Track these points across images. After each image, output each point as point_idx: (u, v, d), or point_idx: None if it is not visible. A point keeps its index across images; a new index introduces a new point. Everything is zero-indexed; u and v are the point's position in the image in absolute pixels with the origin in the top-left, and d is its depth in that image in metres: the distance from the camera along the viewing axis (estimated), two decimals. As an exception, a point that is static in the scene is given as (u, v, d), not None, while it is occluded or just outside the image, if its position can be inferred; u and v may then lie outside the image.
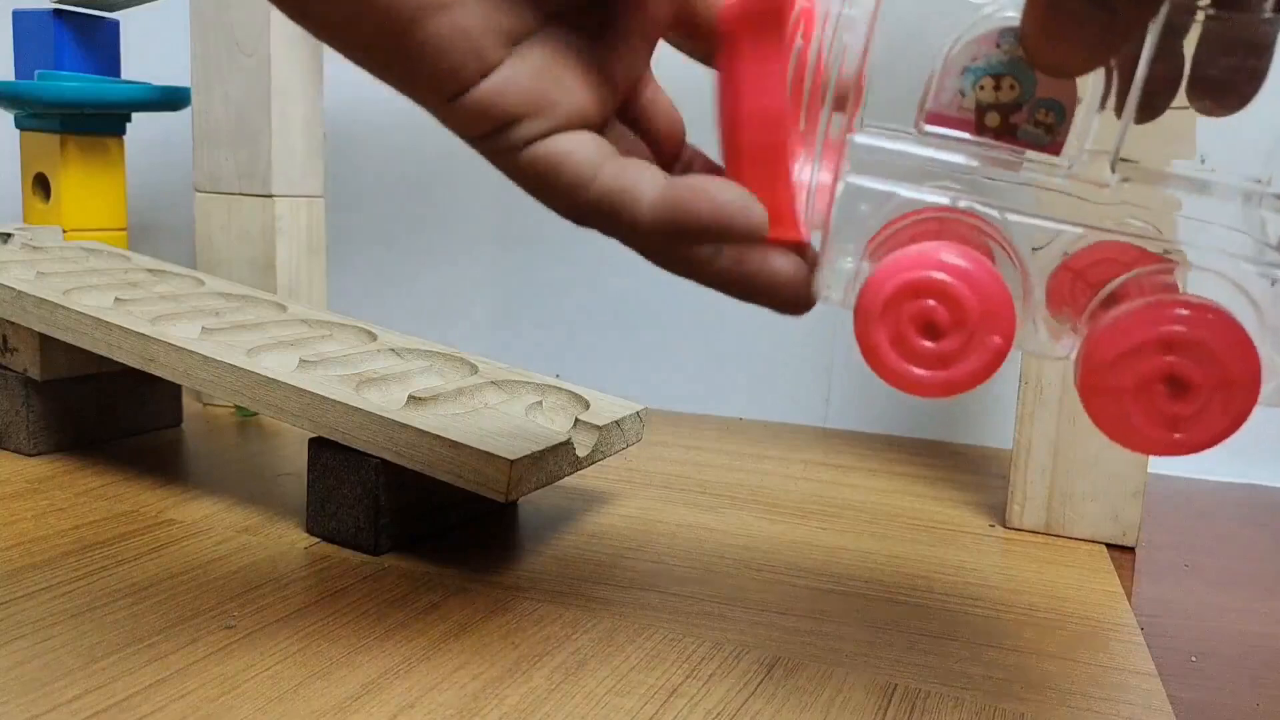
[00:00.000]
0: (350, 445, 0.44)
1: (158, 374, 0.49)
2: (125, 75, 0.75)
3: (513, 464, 0.40)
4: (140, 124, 0.75)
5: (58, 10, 0.69)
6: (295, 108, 0.67)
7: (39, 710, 0.31)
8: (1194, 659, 0.40)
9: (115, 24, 0.73)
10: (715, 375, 0.79)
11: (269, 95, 0.65)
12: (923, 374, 0.27)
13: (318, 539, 0.46)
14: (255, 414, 0.63)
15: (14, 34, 0.71)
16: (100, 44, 0.72)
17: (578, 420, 0.46)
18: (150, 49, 0.79)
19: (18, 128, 0.71)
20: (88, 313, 0.50)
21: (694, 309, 0.79)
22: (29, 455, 0.55)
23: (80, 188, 0.71)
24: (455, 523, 0.48)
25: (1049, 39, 0.25)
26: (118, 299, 0.53)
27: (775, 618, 0.41)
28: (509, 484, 0.40)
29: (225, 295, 0.59)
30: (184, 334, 0.50)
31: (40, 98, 0.67)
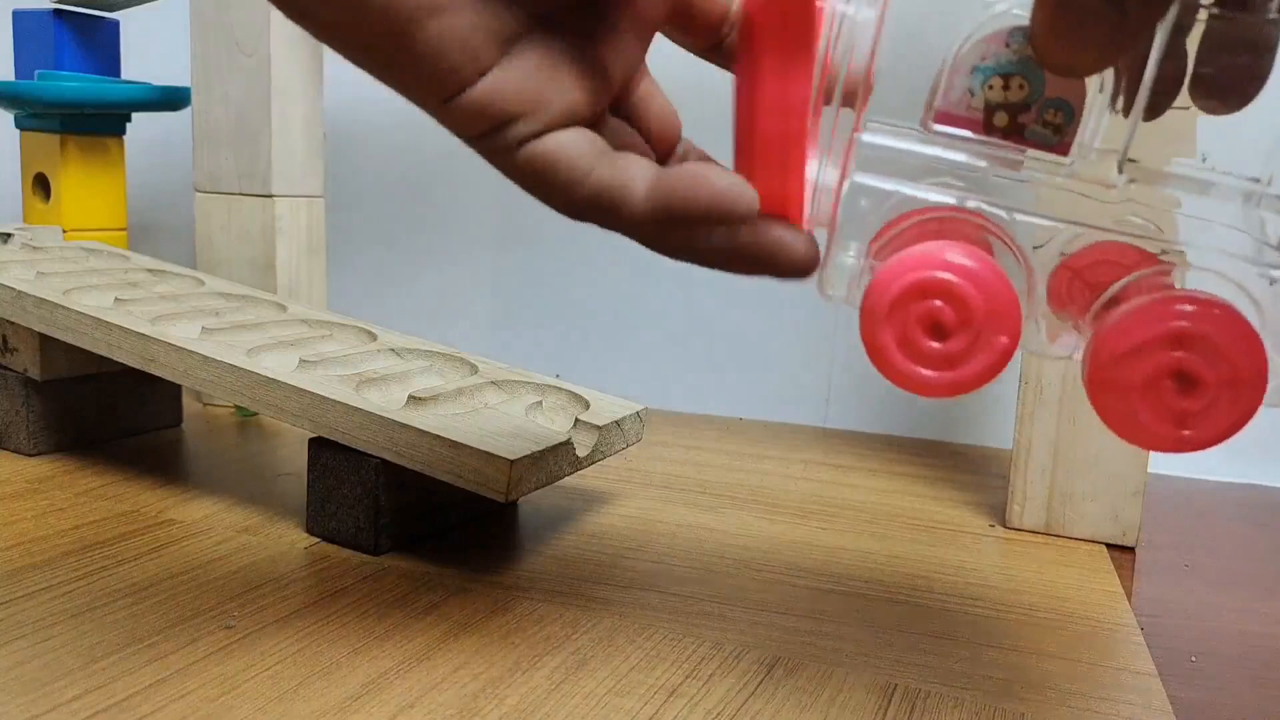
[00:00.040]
0: (350, 445, 0.44)
1: (158, 374, 0.49)
2: (125, 75, 0.75)
3: (513, 464, 0.40)
4: (140, 124, 0.75)
5: (58, 10, 0.69)
6: (295, 108, 0.67)
7: (39, 710, 0.31)
8: (1194, 659, 0.40)
9: (115, 24, 0.73)
10: (715, 375, 0.79)
11: (269, 95, 0.65)
12: (929, 375, 0.27)
13: (318, 539, 0.46)
14: (255, 414, 0.63)
15: (14, 34, 0.71)
16: (100, 44, 0.72)
17: (578, 420, 0.46)
18: (150, 49, 0.79)
19: (18, 128, 0.71)
20: (88, 313, 0.50)
21: (694, 309, 0.79)
22: (29, 455, 0.55)
23: (80, 188, 0.71)
24: (455, 523, 0.48)
25: (1059, 38, 0.25)
26: (118, 299, 0.53)
27: (775, 618, 0.41)
28: (509, 484, 0.40)
29: (225, 295, 0.59)
30: (184, 334, 0.49)
31: (40, 98, 0.67)
